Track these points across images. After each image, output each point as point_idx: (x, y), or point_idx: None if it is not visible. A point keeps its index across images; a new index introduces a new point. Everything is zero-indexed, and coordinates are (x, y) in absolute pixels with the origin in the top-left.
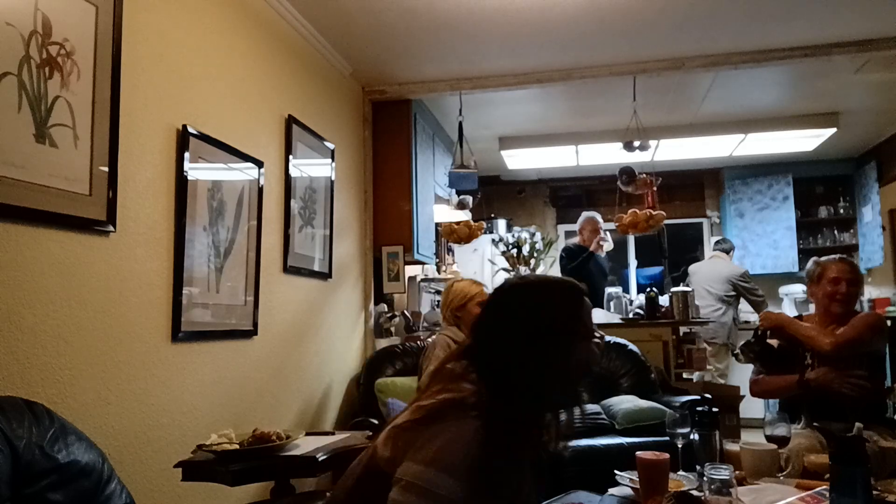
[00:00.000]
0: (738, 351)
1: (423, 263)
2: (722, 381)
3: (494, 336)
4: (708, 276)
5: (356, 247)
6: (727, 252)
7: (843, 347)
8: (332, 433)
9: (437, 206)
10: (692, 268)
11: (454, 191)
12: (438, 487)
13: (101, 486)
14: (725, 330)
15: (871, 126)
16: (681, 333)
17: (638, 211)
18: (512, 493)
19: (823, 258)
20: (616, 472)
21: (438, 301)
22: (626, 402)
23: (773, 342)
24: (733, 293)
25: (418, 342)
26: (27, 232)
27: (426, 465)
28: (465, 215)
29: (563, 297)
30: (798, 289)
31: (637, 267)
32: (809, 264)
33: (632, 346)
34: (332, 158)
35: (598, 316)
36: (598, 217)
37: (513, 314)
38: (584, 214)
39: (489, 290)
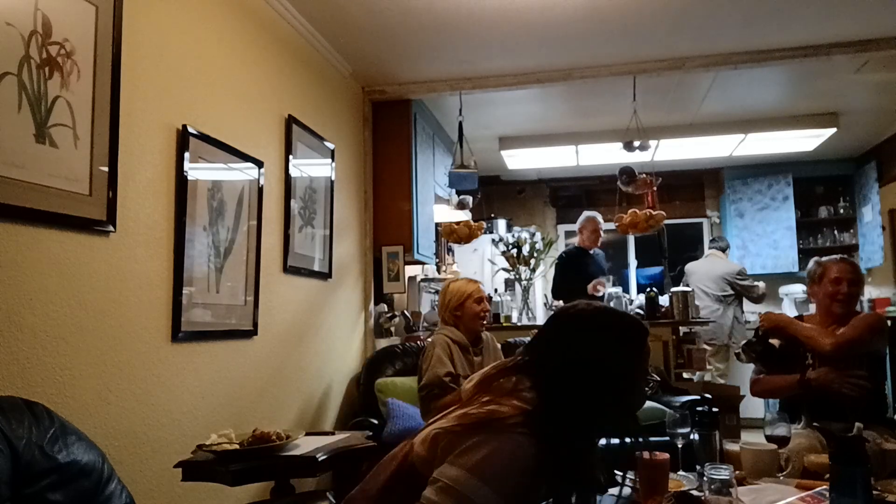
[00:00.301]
0: (739, 351)
1: (423, 263)
2: (722, 381)
3: (557, 362)
4: (704, 275)
5: (356, 247)
6: (723, 250)
7: (844, 348)
8: (332, 433)
9: (437, 206)
10: (688, 267)
11: (454, 191)
12: (476, 496)
13: (101, 486)
14: (724, 330)
15: (871, 126)
16: (681, 333)
17: (638, 211)
18: None
19: (825, 258)
20: (616, 471)
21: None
22: None
23: (775, 342)
24: (731, 293)
25: (418, 342)
26: (27, 232)
27: (467, 472)
28: (465, 215)
29: (631, 339)
30: (798, 289)
31: (637, 267)
32: (811, 264)
33: None
34: (332, 158)
35: None
36: (599, 217)
37: (581, 348)
38: (585, 214)
39: (484, 287)
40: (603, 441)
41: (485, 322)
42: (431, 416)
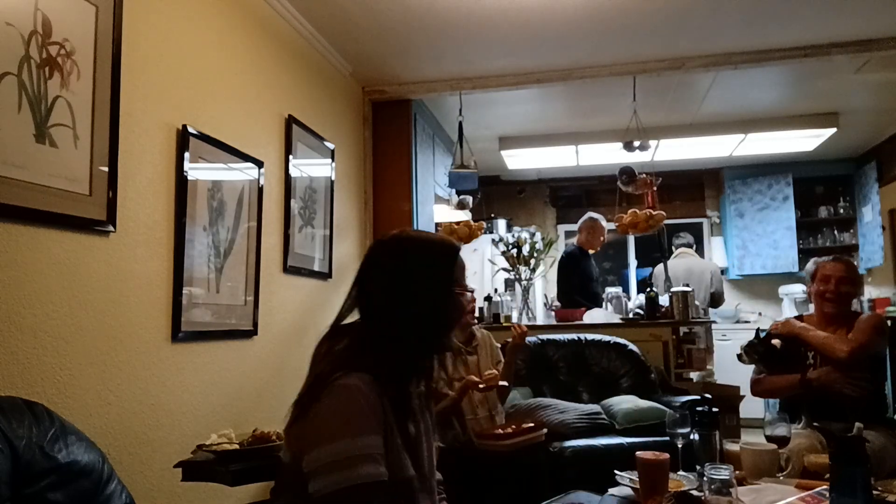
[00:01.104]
0: (741, 352)
1: None
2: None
3: (379, 282)
4: (684, 277)
5: (356, 247)
6: (691, 246)
7: (858, 353)
8: None
9: (437, 206)
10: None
11: (454, 191)
12: (350, 451)
13: (101, 486)
14: (708, 335)
15: (871, 126)
16: (681, 333)
17: (638, 211)
18: (406, 441)
19: (822, 258)
20: (616, 472)
21: None
22: (626, 402)
23: (776, 342)
24: (709, 301)
25: None
26: (27, 232)
27: (326, 443)
28: (465, 215)
29: (441, 253)
30: (798, 289)
31: (637, 267)
32: (809, 264)
33: (632, 346)
34: (332, 158)
35: (598, 316)
36: (600, 218)
37: (397, 266)
38: (590, 215)
39: (475, 284)
40: (596, 441)
41: (475, 315)
42: None
